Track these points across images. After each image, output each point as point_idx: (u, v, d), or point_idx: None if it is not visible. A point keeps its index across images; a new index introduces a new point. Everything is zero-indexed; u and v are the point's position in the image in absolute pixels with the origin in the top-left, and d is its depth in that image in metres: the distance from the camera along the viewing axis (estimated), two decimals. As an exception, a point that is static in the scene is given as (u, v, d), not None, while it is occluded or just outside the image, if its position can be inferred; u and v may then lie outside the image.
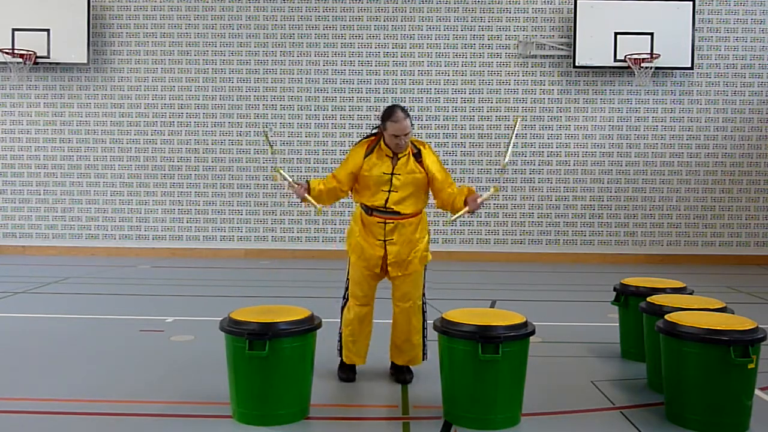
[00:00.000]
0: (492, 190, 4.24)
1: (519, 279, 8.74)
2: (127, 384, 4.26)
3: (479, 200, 4.16)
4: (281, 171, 4.18)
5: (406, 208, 4.24)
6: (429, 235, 4.42)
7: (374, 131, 4.36)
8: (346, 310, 4.39)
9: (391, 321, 4.36)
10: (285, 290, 7.51)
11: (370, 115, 10.16)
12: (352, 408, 3.97)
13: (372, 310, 4.40)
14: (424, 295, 4.37)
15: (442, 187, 4.30)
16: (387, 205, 4.21)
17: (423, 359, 4.38)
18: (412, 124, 4.21)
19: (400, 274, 4.24)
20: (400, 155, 4.23)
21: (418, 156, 4.27)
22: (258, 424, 3.58)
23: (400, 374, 4.33)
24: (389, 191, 4.21)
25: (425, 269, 4.37)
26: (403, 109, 4.19)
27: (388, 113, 4.18)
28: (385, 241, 4.23)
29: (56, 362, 4.73)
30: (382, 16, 10.17)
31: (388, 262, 4.24)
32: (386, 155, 4.24)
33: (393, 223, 4.23)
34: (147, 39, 10.25)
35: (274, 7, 10.21)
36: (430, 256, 4.36)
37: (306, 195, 4.18)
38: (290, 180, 4.17)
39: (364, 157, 4.25)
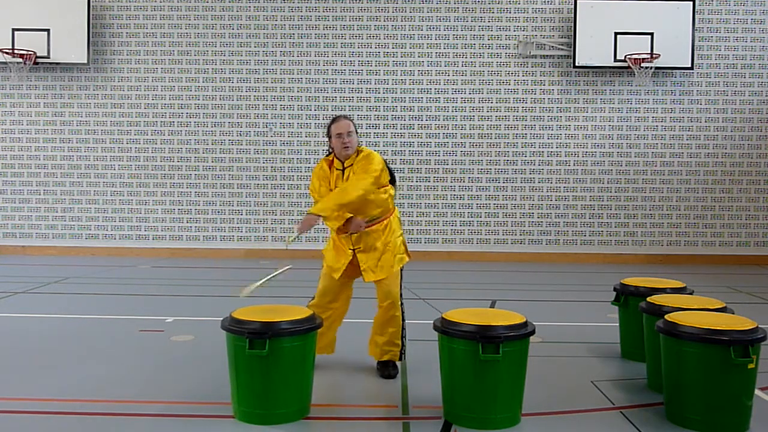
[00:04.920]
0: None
1: (519, 279, 8.74)
2: (127, 384, 4.26)
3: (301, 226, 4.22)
4: (290, 240, 4.31)
5: (363, 217, 4.31)
6: (401, 237, 4.50)
7: (329, 151, 4.48)
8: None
9: (374, 319, 4.51)
10: (285, 290, 7.51)
11: (370, 115, 10.17)
12: (352, 408, 3.97)
13: (339, 310, 4.55)
14: (401, 296, 4.46)
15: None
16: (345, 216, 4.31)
17: (400, 359, 4.48)
18: (357, 132, 4.36)
19: (374, 279, 4.38)
20: (346, 165, 4.34)
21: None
22: (259, 423, 3.58)
23: (385, 369, 4.45)
24: None
25: (402, 270, 4.47)
26: (346, 116, 4.38)
27: (331, 120, 4.39)
28: (354, 249, 4.38)
29: (56, 362, 4.73)
30: (382, 16, 10.18)
31: (362, 268, 4.39)
32: (336, 169, 4.38)
33: (357, 232, 4.34)
34: (147, 39, 10.26)
35: (274, 7, 10.21)
36: (406, 258, 4.48)
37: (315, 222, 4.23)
38: (296, 233, 4.20)
39: (329, 172, 4.40)
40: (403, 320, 4.48)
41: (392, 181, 4.50)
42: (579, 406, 3.95)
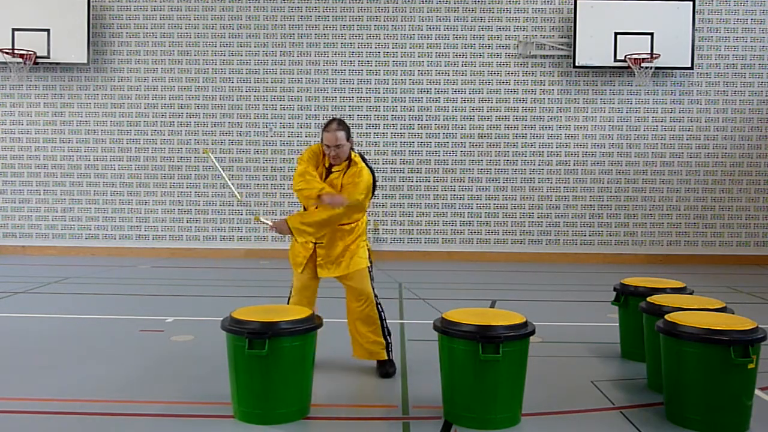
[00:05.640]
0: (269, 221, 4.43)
1: (519, 279, 8.74)
2: (127, 384, 4.26)
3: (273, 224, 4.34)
4: (260, 217, 4.45)
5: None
6: (366, 243, 4.51)
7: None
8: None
9: (348, 319, 4.51)
10: (285, 290, 7.50)
11: (370, 116, 10.17)
12: (352, 408, 3.97)
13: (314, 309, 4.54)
14: (376, 296, 4.47)
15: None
16: None
17: (387, 356, 4.47)
18: (350, 140, 4.29)
19: (327, 276, 4.40)
20: (334, 169, 4.32)
21: (345, 171, 4.33)
22: (259, 423, 3.58)
23: (383, 368, 4.45)
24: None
25: (370, 271, 4.47)
26: (340, 122, 4.25)
27: (325, 123, 4.29)
28: (315, 243, 4.38)
29: (56, 362, 4.72)
30: (382, 16, 10.18)
31: (317, 263, 4.41)
32: (324, 165, 4.36)
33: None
34: (147, 39, 10.26)
35: (274, 7, 10.21)
36: (366, 262, 4.45)
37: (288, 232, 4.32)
38: (270, 222, 4.38)
39: (320, 158, 4.38)
40: (383, 318, 4.47)
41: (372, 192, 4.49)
42: (579, 406, 3.95)
